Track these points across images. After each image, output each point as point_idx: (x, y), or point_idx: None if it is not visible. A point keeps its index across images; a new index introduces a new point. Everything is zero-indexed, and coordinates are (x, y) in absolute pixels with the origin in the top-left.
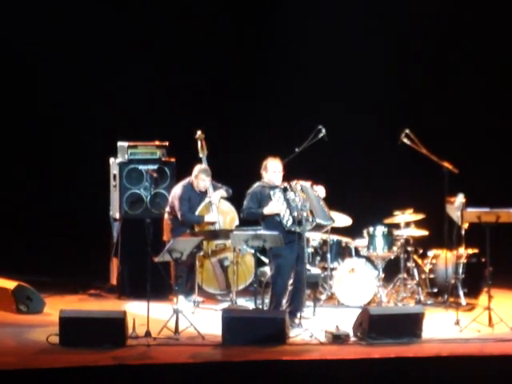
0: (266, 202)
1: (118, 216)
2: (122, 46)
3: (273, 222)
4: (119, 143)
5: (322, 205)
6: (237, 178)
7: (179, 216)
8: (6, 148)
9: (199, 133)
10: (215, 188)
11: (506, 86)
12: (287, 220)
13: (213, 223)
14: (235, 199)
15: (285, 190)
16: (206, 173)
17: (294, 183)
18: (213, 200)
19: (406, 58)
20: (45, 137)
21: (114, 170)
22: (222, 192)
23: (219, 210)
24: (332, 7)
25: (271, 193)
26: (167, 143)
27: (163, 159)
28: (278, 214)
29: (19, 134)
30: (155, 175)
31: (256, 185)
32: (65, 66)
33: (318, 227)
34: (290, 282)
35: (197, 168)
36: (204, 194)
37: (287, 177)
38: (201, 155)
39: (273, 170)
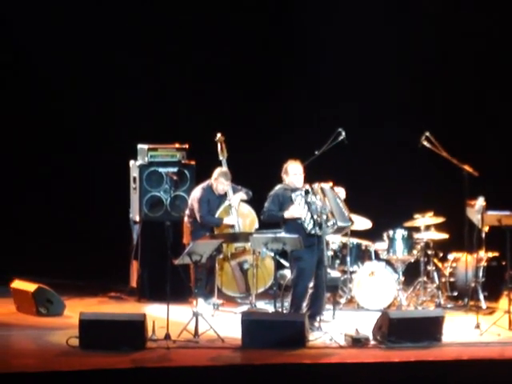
0: (287, 205)
1: (137, 218)
2: (141, 48)
3: (294, 225)
4: (139, 146)
5: (342, 206)
6: (257, 180)
7: (198, 218)
8: (25, 150)
9: (219, 135)
10: (235, 190)
11: None
12: (308, 223)
13: (232, 226)
14: (255, 202)
15: (306, 192)
16: (225, 176)
17: (315, 185)
18: (233, 203)
19: (427, 62)
20: (65, 139)
21: (134, 173)
22: (242, 195)
23: (239, 213)
24: (349, 12)
25: (292, 196)
26: (187, 146)
27: (183, 162)
28: (299, 218)
29: (40, 136)
30: (175, 178)
31: (278, 187)
32: (86, 69)
33: (338, 230)
34: (311, 285)
35: (217, 171)
36: (223, 196)
37: (308, 179)
38: (221, 158)
39: (293, 172)
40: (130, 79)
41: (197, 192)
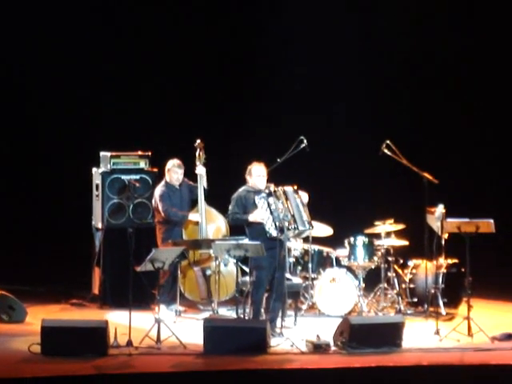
0: (250, 207)
1: (100, 226)
2: (107, 54)
3: (257, 228)
4: (102, 153)
5: (302, 211)
6: (225, 185)
7: (163, 214)
8: None
9: (198, 141)
10: (191, 187)
11: (487, 100)
12: (269, 227)
13: (197, 223)
14: (224, 206)
15: (269, 195)
16: (178, 166)
17: (278, 189)
18: (200, 171)
19: (388, 70)
20: (27, 146)
21: (97, 180)
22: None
23: (208, 219)
24: (317, 21)
25: (256, 199)
26: (150, 153)
27: (146, 169)
28: (262, 221)
29: (1, 142)
30: (138, 185)
31: (241, 189)
32: (49, 75)
33: (298, 234)
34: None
35: (170, 162)
36: (183, 189)
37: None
38: (198, 163)
39: (257, 174)
40: (92, 85)
41: (157, 191)
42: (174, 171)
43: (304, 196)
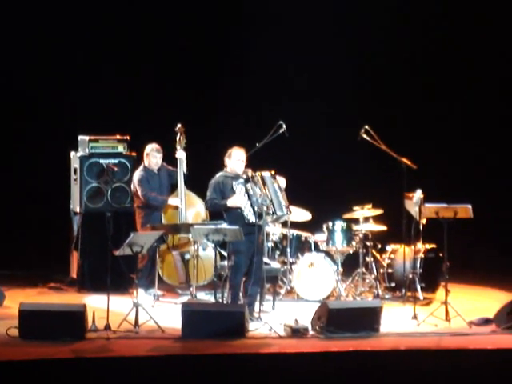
0: (228, 193)
1: (78, 210)
2: (82, 38)
3: (235, 213)
4: (80, 137)
5: (280, 196)
6: (205, 170)
7: (142, 198)
8: None
9: (179, 126)
10: (170, 172)
11: (465, 86)
12: (247, 213)
13: (176, 207)
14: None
15: (246, 180)
16: (157, 150)
17: (256, 174)
18: (180, 156)
19: (368, 54)
20: (5, 129)
21: (75, 164)
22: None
23: (188, 203)
24: (295, 8)
25: (234, 184)
26: (128, 137)
27: (124, 153)
28: (240, 207)
29: None
30: (116, 169)
31: (218, 175)
32: (26, 58)
33: (276, 219)
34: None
35: (149, 146)
36: (162, 173)
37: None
38: (178, 147)
39: (237, 158)
40: (71, 69)
41: (135, 176)
42: (152, 155)
43: (281, 181)
